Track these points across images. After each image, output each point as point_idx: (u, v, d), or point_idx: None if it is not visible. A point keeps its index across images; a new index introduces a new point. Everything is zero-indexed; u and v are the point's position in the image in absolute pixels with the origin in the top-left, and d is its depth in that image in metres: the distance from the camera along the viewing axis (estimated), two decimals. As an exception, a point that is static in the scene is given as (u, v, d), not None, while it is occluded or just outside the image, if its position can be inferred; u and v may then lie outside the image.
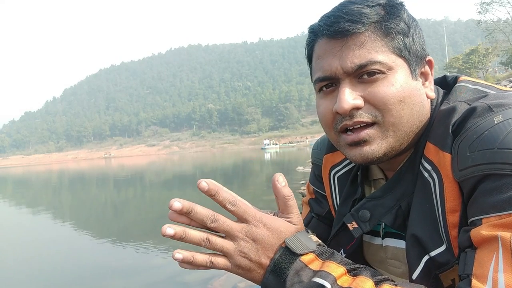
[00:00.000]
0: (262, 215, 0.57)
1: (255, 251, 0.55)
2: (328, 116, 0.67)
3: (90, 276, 4.88)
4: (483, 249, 0.51)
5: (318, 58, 0.67)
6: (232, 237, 0.56)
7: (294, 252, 0.55)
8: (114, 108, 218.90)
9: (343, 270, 0.54)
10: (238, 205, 0.57)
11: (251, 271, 0.56)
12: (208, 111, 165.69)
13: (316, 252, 0.56)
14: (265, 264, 0.56)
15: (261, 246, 0.55)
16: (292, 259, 0.54)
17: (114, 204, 12.87)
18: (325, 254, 0.56)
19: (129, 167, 41.65)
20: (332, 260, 0.55)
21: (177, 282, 4.34)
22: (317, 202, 0.96)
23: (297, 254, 0.55)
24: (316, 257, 0.56)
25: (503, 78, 27.14)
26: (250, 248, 0.55)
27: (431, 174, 0.62)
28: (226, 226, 0.56)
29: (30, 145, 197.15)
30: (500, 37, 32.14)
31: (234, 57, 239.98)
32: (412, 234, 0.64)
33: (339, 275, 0.53)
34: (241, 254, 0.55)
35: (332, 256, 0.56)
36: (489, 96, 0.62)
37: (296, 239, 0.56)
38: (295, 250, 0.55)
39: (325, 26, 0.64)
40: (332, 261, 0.55)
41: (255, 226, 0.56)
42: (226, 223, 0.56)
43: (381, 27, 0.62)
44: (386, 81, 0.62)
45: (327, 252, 0.57)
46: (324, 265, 0.54)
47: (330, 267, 0.54)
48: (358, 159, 0.65)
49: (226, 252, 0.56)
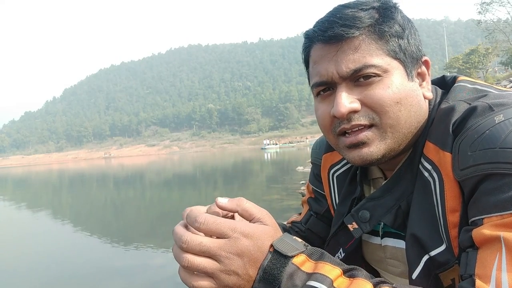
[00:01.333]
0: (240, 225, 0.52)
1: (242, 265, 0.50)
2: (326, 120, 0.67)
3: (90, 276, 4.88)
4: (485, 249, 0.50)
5: (314, 63, 0.67)
6: (213, 257, 0.50)
7: (286, 255, 0.50)
8: (114, 108, 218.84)
9: (339, 272, 0.51)
10: (207, 222, 0.51)
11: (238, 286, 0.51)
12: (208, 111, 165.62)
13: (306, 253, 0.52)
14: (251, 274, 0.50)
15: (248, 258, 0.50)
16: (284, 263, 0.50)
17: (114, 204, 12.88)
18: (316, 254, 0.53)
19: (129, 167, 41.66)
20: (326, 261, 0.52)
21: (177, 282, 4.32)
22: (316, 201, 0.96)
23: (289, 256, 0.50)
24: (307, 258, 0.52)
25: (503, 78, 27.14)
26: (237, 264, 0.50)
27: (431, 173, 0.62)
28: (202, 247, 0.50)
29: (30, 145, 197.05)
30: (500, 37, 32.09)
31: (234, 57, 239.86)
32: (411, 234, 0.64)
33: (335, 276, 0.50)
34: (227, 272, 0.50)
35: (324, 257, 0.53)
36: (489, 95, 0.62)
37: (283, 241, 0.52)
38: (286, 253, 0.50)
39: (320, 32, 0.64)
40: (326, 262, 0.51)
41: (237, 240, 0.50)
42: (201, 243, 0.50)
43: (375, 30, 0.63)
44: (382, 84, 0.62)
45: (317, 252, 0.53)
46: (318, 267, 0.51)
47: (325, 269, 0.50)
48: (357, 161, 0.65)
49: (210, 273, 0.50)
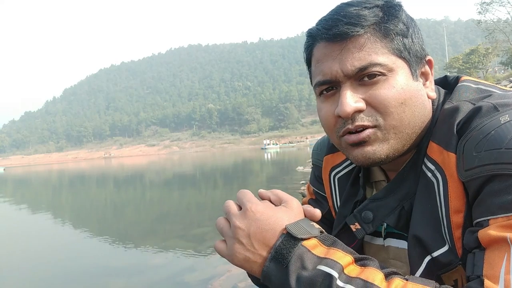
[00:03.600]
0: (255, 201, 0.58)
1: (247, 236, 0.55)
2: (330, 120, 0.67)
3: (90, 275, 4.88)
4: (493, 250, 0.50)
5: (317, 62, 0.66)
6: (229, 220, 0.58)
7: (296, 237, 0.53)
8: (114, 108, 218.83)
9: (350, 259, 0.52)
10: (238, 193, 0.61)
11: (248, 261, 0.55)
12: (208, 111, 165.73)
13: (318, 238, 0.55)
14: (263, 254, 0.54)
15: (254, 233, 0.55)
16: (294, 244, 0.53)
17: (114, 203, 12.87)
18: (328, 240, 0.55)
19: (129, 167, 41.66)
20: (338, 247, 0.54)
21: (177, 282, 4.34)
22: (317, 202, 0.96)
23: (299, 238, 0.53)
24: (319, 242, 0.54)
25: (503, 78, 27.16)
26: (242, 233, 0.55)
27: (434, 174, 0.62)
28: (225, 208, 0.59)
29: (30, 145, 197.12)
30: (500, 37, 32.11)
31: (234, 57, 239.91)
32: (414, 234, 0.64)
33: (346, 264, 0.51)
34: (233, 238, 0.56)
35: (336, 243, 0.55)
36: (493, 95, 0.61)
37: (298, 225, 0.55)
38: (296, 235, 0.53)
39: (324, 30, 0.63)
40: (338, 249, 0.53)
41: (246, 212, 0.56)
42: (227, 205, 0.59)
43: (380, 28, 0.62)
44: (387, 83, 0.61)
45: (330, 239, 0.55)
46: (330, 253, 0.52)
47: (337, 255, 0.52)
48: (360, 159, 0.65)
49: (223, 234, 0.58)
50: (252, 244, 0.54)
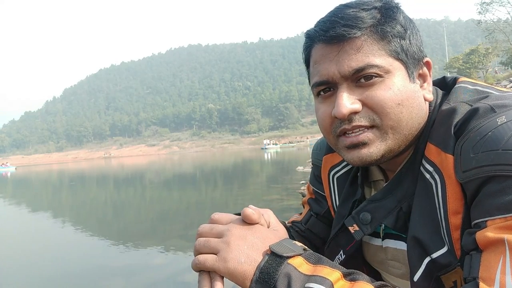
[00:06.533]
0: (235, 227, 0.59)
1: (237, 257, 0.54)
2: (326, 120, 0.67)
3: (90, 275, 4.88)
4: (489, 252, 0.50)
5: (315, 63, 0.67)
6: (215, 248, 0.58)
7: (281, 255, 0.53)
8: (114, 108, 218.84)
9: (339, 274, 0.52)
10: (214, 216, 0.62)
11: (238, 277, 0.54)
12: (208, 111, 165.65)
13: (303, 255, 0.55)
14: (250, 274, 0.53)
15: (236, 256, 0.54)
16: (280, 262, 0.53)
17: (114, 203, 12.87)
18: (313, 258, 0.55)
19: (129, 167, 41.65)
20: (324, 264, 0.53)
21: (177, 282, 4.34)
22: (316, 201, 0.97)
23: (284, 256, 0.53)
24: (304, 260, 0.54)
25: (503, 78, 27.16)
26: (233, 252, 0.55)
27: (432, 175, 0.62)
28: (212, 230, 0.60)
29: (30, 145, 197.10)
30: (500, 37, 32.06)
31: (234, 57, 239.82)
32: (413, 236, 0.64)
33: (336, 279, 0.51)
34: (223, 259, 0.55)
35: (322, 260, 0.54)
36: (490, 97, 0.62)
37: (281, 244, 0.56)
38: (281, 253, 0.53)
39: (321, 32, 0.64)
40: (325, 265, 0.53)
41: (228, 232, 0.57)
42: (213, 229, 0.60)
43: (377, 30, 0.62)
44: (384, 85, 0.62)
45: (315, 256, 0.55)
46: (317, 270, 0.52)
47: (324, 272, 0.51)
48: (356, 161, 0.65)
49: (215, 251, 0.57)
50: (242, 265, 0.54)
